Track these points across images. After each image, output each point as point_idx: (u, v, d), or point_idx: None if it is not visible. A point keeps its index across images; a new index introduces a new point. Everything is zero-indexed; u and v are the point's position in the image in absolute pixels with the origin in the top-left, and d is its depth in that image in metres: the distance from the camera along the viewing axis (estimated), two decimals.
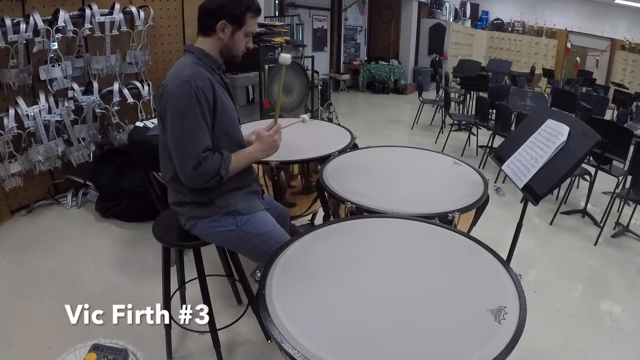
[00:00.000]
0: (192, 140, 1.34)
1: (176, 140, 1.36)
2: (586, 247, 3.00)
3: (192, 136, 1.34)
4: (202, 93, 1.34)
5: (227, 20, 1.40)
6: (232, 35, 1.43)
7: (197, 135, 1.34)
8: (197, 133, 1.35)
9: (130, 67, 3.38)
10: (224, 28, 1.41)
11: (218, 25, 1.40)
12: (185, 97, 1.32)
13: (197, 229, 1.53)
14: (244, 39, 1.46)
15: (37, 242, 2.74)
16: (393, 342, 0.96)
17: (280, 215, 1.74)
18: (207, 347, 1.81)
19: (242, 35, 1.44)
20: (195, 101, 1.33)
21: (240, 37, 1.44)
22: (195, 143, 1.34)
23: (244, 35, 1.45)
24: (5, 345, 1.87)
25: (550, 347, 2.00)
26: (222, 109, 1.42)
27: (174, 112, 1.34)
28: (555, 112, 1.80)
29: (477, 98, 5.33)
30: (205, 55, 1.44)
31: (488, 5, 12.32)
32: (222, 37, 1.42)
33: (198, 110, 1.33)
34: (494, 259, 1.27)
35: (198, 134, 1.35)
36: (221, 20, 1.39)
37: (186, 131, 1.34)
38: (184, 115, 1.34)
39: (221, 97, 1.42)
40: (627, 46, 10.40)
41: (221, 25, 1.40)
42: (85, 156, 3.20)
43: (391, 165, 2.07)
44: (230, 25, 1.41)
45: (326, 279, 1.19)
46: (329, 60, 9.20)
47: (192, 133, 1.34)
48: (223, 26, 1.40)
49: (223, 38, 1.42)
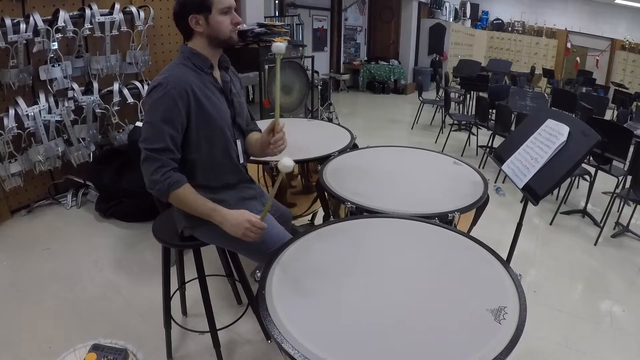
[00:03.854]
0: (145, 137, 1.34)
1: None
2: (586, 247, 3.00)
3: (147, 134, 1.33)
4: (171, 96, 1.31)
5: (194, 12, 1.36)
6: (207, 22, 1.38)
7: (151, 135, 1.33)
8: (151, 133, 1.33)
9: (130, 67, 3.38)
10: (197, 21, 1.37)
11: (190, 22, 1.37)
12: (154, 99, 1.32)
13: (195, 234, 1.54)
14: (224, 17, 1.38)
15: (37, 242, 2.74)
16: (393, 341, 0.96)
17: (282, 215, 1.74)
18: (207, 347, 1.81)
19: (218, 15, 1.38)
20: (162, 104, 1.31)
21: (216, 18, 1.37)
22: (147, 140, 1.33)
23: (220, 15, 1.37)
24: (5, 345, 1.87)
25: (550, 347, 2.00)
26: (199, 114, 1.38)
27: (145, 111, 1.37)
28: (555, 112, 1.80)
29: (477, 98, 5.33)
30: (194, 54, 1.41)
31: (488, 5, 12.33)
32: (201, 30, 1.39)
33: (162, 113, 1.32)
34: (494, 259, 1.27)
35: (152, 134, 1.33)
36: (189, 16, 1.36)
37: (145, 128, 1.34)
38: (149, 114, 1.34)
39: (201, 100, 1.38)
40: (627, 46, 10.41)
41: (192, 20, 1.37)
42: (85, 156, 3.21)
43: (391, 165, 2.07)
44: (200, 15, 1.36)
45: (326, 279, 1.19)
46: (329, 60, 9.20)
47: (147, 131, 1.34)
48: (195, 20, 1.37)
49: (202, 30, 1.39)
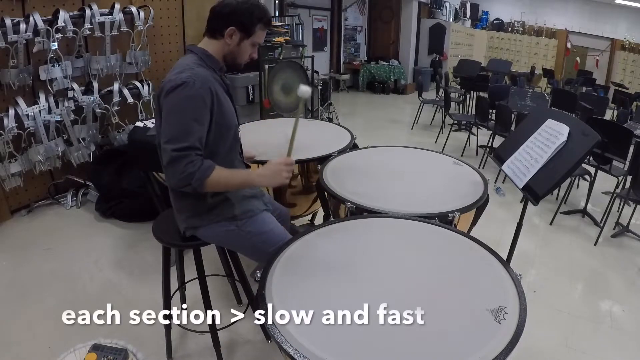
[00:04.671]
0: (171, 137, 1.30)
1: (160, 136, 1.34)
2: (586, 247, 3.00)
3: (174, 134, 1.30)
4: (200, 95, 1.32)
5: (237, 28, 1.39)
6: (239, 43, 1.42)
7: (178, 135, 1.30)
8: (178, 132, 1.30)
9: (130, 67, 3.38)
10: (233, 34, 1.40)
11: (227, 31, 1.39)
12: (180, 97, 1.31)
13: (197, 235, 1.54)
14: (250, 48, 1.46)
15: (37, 242, 2.74)
16: (393, 342, 0.96)
17: (280, 215, 1.74)
18: (207, 347, 1.81)
19: (249, 44, 1.44)
20: (190, 102, 1.31)
21: (246, 46, 1.44)
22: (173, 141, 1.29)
23: (250, 45, 1.45)
24: (5, 345, 1.87)
25: (550, 347, 2.00)
26: (219, 112, 1.40)
27: (166, 110, 1.33)
28: (555, 112, 1.80)
29: (477, 98, 5.33)
30: (208, 57, 1.43)
31: (488, 5, 12.32)
32: (229, 43, 1.42)
33: (191, 111, 1.31)
34: (494, 259, 1.27)
35: (179, 134, 1.30)
36: (231, 27, 1.38)
37: (169, 129, 1.31)
38: (173, 114, 1.32)
39: (221, 99, 1.41)
40: (627, 46, 10.40)
41: (230, 32, 1.39)
42: (85, 156, 3.21)
43: (391, 165, 2.07)
44: (239, 33, 1.40)
45: (326, 279, 1.19)
46: (329, 60, 9.20)
47: (173, 131, 1.30)
48: (232, 32, 1.39)
49: (230, 44, 1.42)
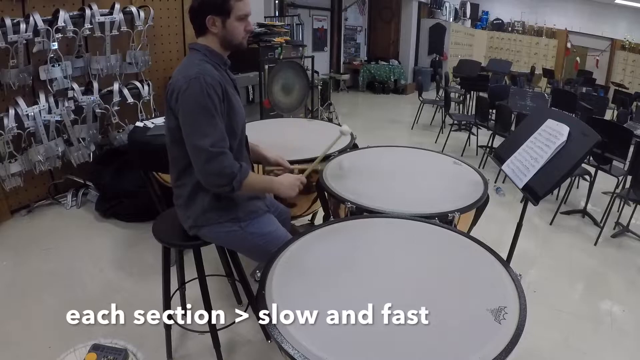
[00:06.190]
0: (203, 136, 1.31)
1: (189, 138, 1.34)
2: (586, 247, 3.00)
3: (204, 132, 1.32)
4: (212, 89, 1.32)
5: (213, 14, 1.37)
6: (224, 25, 1.40)
7: (208, 131, 1.32)
8: (208, 129, 1.32)
9: (130, 67, 3.38)
10: (214, 22, 1.38)
11: (207, 22, 1.38)
12: (195, 94, 1.31)
13: (200, 234, 1.54)
14: (240, 23, 1.41)
15: (37, 242, 2.74)
16: (393, 342, 0.96)
17: (281, 214, 1.74)
18: (207, 347, 1.81)
19: (235, 21, 1.40)
20: (206, 98, 1.31)
21: (233, 24, 1.40)
22: (206, 138, 1.31)
23: (237, 21, 1.40)
24: (5, 345, 1.87)
25: (550, 347, 2.00)
26: (229, 107, 1.41)
27: (185, 111, 1.33)
28: (555, 112, 1.80)
29: (477, 98, 5.33)
30: (211, 52, 1.43)
31: (488, 5, 12.32)
32: (216, 31, 1.40)
33: (210, 105, 1.32)
34: (494, 259, 1.27)
35: (209, 130, 1.32)
36: (208, 16, 1.37)
37: (198, 128, 1.32)
38: (194, 113, 1.32)
39: (229, 94, 1.41)
40: (627, 46, 10.40)
41: (210, 21, 1.38)
42: (85, 156, 3.21)
43: (391, 165, 2.07)
44: (218, 17, 1.38)
45: (326, 279, 1.19)
46: (329, 60, 9.19)
47: (203, 129, 1.32)
48: (212, 21, 1.38)
49: (217, 32, 1.40)
